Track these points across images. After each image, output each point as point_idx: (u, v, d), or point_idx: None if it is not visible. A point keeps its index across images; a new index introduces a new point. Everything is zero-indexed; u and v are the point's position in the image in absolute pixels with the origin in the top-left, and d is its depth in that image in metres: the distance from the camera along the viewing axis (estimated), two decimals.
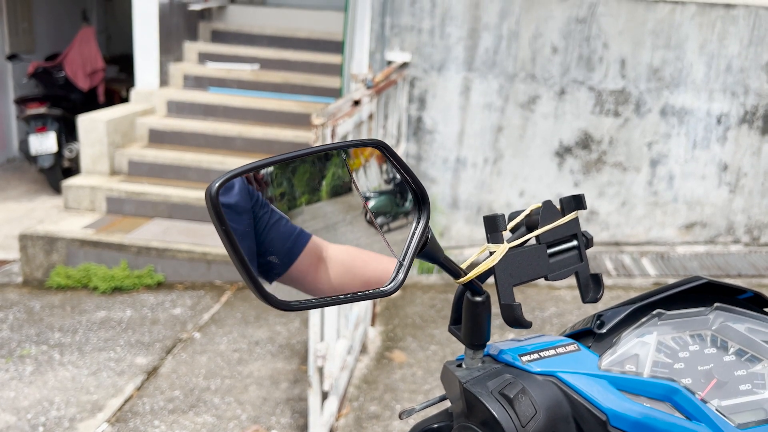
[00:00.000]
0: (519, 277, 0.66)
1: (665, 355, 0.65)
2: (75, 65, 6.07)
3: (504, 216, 0.66)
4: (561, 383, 0.63)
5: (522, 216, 0.69)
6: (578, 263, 0.70)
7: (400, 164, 0.61)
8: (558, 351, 0.66)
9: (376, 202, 0.63)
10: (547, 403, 0.61)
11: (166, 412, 2.88)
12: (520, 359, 0.65)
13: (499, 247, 0.65)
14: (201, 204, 4.61)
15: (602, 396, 0.62)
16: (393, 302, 3.95)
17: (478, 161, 4.69)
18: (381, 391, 3.04)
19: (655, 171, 4.71)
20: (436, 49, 4.54)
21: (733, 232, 4.85)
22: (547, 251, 0.68)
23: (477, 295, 0.67)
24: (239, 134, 5.20)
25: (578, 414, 0.62)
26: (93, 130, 4.97)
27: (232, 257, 0.53)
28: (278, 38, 6.33)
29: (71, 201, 4.79)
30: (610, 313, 0.68)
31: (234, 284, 4.21)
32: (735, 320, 0.67)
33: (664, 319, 0.67)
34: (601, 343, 0.67)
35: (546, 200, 0.69)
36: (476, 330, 0.67)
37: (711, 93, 4.57)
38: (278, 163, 0.57)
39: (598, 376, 0.63)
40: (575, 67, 4.54)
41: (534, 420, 0.60)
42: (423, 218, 0.62)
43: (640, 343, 0.65)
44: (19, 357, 3.32)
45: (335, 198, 0.61)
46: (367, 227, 0.62)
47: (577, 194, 0.70)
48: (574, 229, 0.69)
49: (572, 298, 4.01)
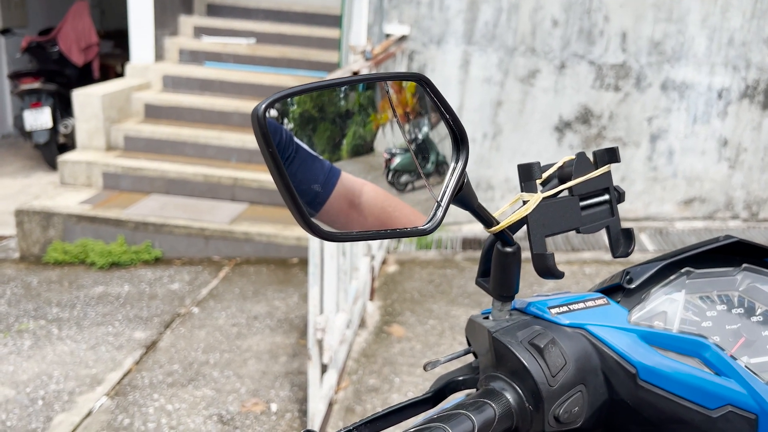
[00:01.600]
0: (551, 228, 0.65)
1: (693, 313, 0.64)
2: (69, 40, 6.00)
3: (539, 164, 0.65)
4: (590, 336, 0.63)
5: (555, 167, 0.67)
6: (610, 217, 0.69)
7: (441, 102, 0.60)
8: (587, 304, 0.65)
9: (402, 158, 0.62)
10: (576, 354, 0.61)
11: (165, 386, 2.88)
12: (549, 311, 0.65)
13: (533, 197, 0.64)
14: (198, 180, 4.58)
15: (632, 349, 0.61)
16: (391, 277, 3.95)
17: (477, 136, 4.66)
18: (380, 364, 3.04)
19: (654, 146, 4.69)
20: (435, 22, 4.48)
21: (731, 207, 4.84)
22: (580, 204, 0.67)
23: (508, 246, 0.66)
24: (236, 109, 5.15)
25: (607, 367, 0.62)
26: (88, 105, 4.92)
27: (277, 183, 0.52)
28: (275, 12, 6.25)
29: (67, 177, 4.76)
30: (639, 269, 0.68)
31: (232, 260, 4.20)
32: (763, 282, 0.66)
33: (693, 277, 0.66)
34: (630, 299, 0.67)
35: (580, 152, 0.68)
36: (506, 281, 0.66)
37: (712, 67, 4.53)
38: (324, 89, 0.57)
39: (628, 329, 0.63)
40: (576, 40, 4.49)
41: (564, 370, 0.59)
42: (462, 159, 0.61)
43: (668, 300, 0.65)
44: (17, 332, 3.31)
45: (356, 157, 0.60)
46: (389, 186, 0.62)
47: (611, 147, 0.69)
48: (606, 183, 0.69)
49: (570, 273, 4.01)
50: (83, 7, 6.19)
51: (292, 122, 0.56)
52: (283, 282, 3.91)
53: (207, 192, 4.57)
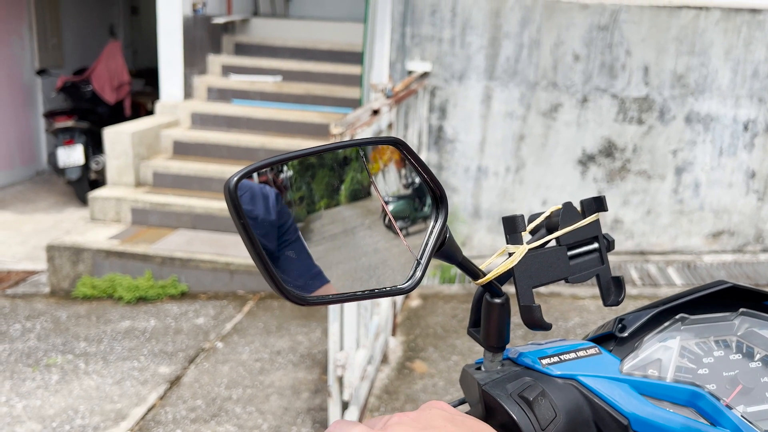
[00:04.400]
0: (539, 278, 0.65)
1: (689, 360, 0.63)
2: (102, 79, 6.19)
3: (523, 216, 0.65)
4: (582, 387, 0.62)
5: (542, 218, 0.68)
6: (599, 266, 0.68)
7: (418, 162, 0.61)
8: (579, 354, 0.65)
9: (395, 206, 0.62)
10: (567, 406, 0.60)
11: (188, 422, 2.90)
12: (540, 362, 0.64)
13: (519, 248, 0.64)
14: (224, 214, 4.65)
15: (624, 400, 0.61)
16: (414, 312, 3.94)
17: (499, 170, 4.67)
18: (402, 401, 3.02)
19: (680, 179, 4.65)
20: (457, 59, 4.54)
21: (762, 240, 4.75)
22: (568, 253, 0.67)
23: (496, 297, 0.66)
24: (262, 145, 5.24)
25: (599, 418, 0.61)
26: (118, 143, 5.05)
27: (250, 250, 0.53)
28: (300, 50, 6.38)
29: (97, 212, 4.87)
30: (632, 317, 0.67)
31: (257, 294, 4.23)
32: (761, 326, 0.65)
33: (688, 323, 0.66)
34: (622, 347, 0.66)
35: (566, 201, 0.68)
36: (495, 332, 0.66)
37: (737, 99, 4.50)
38: (295, 159, 0.57)
39: (620, 379, 0.62)
40: (597, 74, 4.50)
41: (554, 423, 0.59)
42: (441, 217, 0.62)
43: (662, 347, 0.64)
44: (45, 366, 3.37)
45: (354, 202, 0.61)
46: (386, 231, 0.62)
47: (598, 196, 0.69)
48: (595, 232, 0.68)
49: (596, 308, 3.96)
50: (116, 48, 6.40)
51: (292, 169, 0.58)
52: (306, 316, 3.93)
53: (232, 227, 4.60)
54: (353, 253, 0.61)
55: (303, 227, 0.58)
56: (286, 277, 0.55)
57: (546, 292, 4.15)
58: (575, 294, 4.12)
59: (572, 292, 4.15)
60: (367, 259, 0.62)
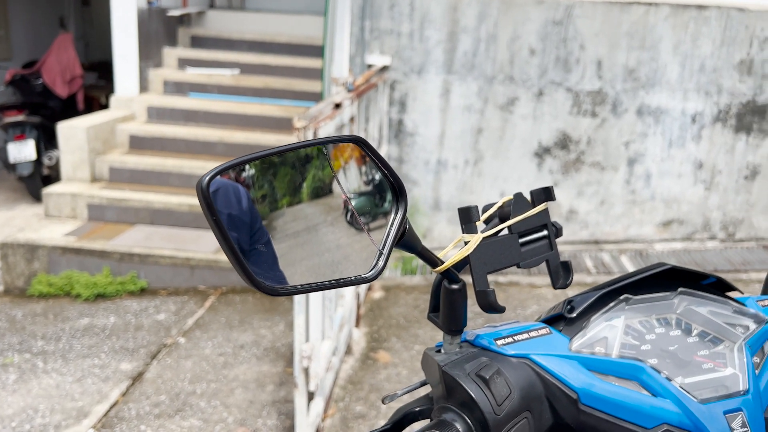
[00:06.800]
0: (492, 264, 0.69)
1: (632, 337, 0.68)
2: (53, 72, 6.04)
3: (477, 207, 0.69)
4: (534, 365, 0.66)
5: (495, 208, 0.72)
6: (548, 251, 0.73)
7: (378, 158, 0.64)
8: (531, 335, 0.69)
9: (356, 203, 0.65)
10: (521, 383, 0.65)
11: (152, 417, 2.88)
12: (495, 343, 0.68)
13: (474, 237, 0.68)
14: (183, 210, 4.61)
15: (573, 376, 0.65)
16: (377, 304, 3.98)
17: (458, 163, 4.74)
18: (366, 391, 3.06)
19: (632, 170, 4.79)
20: (416, 53, 4.59)
21: (709, 228, 4.95)
22: (519, 241, 0.71)
23: (453, 283, 0.70)
24: (220, 139, 5.20)
25: (551, 393, 0.66)
26: (73, 138, 4.95)
27: (222, 246, 0.56)
28: (258, 43, 6.34)
29: (52, 209, 4.76)
30: (579, 299, 0.72)
31: (218, 289, 4.21)
32: (698, 304, 0.71)
33: (632, 303, 0.70)
34: (571, 327, 0.70)
35: (517, 192, 0.72)
36: (453, 316, 0.70)
37: (685, 92, 4.67)
38: (265, 157, 0.60)
39: (569, 357, 0.67)
40: (553, 68, 4.60)
41: (509, 399, 0.63)
42: (401, 209, 0.65)
43: (608, 326, 0.69)
44: (1, 366, 3.30)
45: (316, 200, 0.63)
46: (348, 227, 0.65)
47: (546, 186, 0.74)
48: (544, 220, 0.73)
49: (553, 296, 4.07)
50: (67, 40, 6.24)
51: (254, 168, 0.60)
52: (269, 310, 3.93)
53: (192, 222, 4.60)
54: (317, 249, 0.64)
55: (267, 224, 0.61)
56: (258, 269, 0.58)
57: (505, 282, 4.24)
58: (533, 283, 4.23)
59: (530, 281, 4.25)
60: (331, 254, 0.64)
